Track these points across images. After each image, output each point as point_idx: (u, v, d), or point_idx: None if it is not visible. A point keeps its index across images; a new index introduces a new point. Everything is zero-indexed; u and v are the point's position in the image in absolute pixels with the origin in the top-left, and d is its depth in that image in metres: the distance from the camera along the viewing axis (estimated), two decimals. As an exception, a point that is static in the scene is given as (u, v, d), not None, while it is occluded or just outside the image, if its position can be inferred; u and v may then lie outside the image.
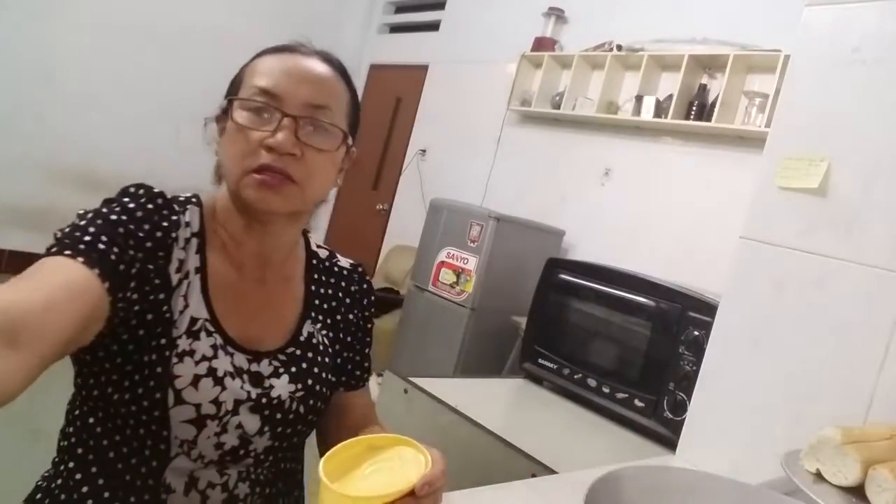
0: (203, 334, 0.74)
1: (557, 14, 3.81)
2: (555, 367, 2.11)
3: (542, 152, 3.79)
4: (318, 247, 0.94)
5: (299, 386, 0.81)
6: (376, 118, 5.04)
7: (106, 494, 0.72)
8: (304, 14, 5.03)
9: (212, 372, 0.73)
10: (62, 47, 4.15)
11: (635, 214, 3.24)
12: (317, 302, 0.88)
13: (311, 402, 0.82)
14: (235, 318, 0.79)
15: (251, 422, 0.76)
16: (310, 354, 0.84)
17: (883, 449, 0.81)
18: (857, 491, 0.77)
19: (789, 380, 1.09)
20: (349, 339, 0.92)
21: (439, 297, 3.23)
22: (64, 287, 0.57)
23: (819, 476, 0.81)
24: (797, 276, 1.10)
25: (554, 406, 2.01)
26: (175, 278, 0.74)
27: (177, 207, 0.77)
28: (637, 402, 1.85)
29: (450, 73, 4.59)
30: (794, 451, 0.85)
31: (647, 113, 3.15)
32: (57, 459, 0.77)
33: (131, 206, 0.70)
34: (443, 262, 3.26)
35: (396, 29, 5.33)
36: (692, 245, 2.95)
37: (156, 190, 0.75)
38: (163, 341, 0.71)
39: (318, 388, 0.83)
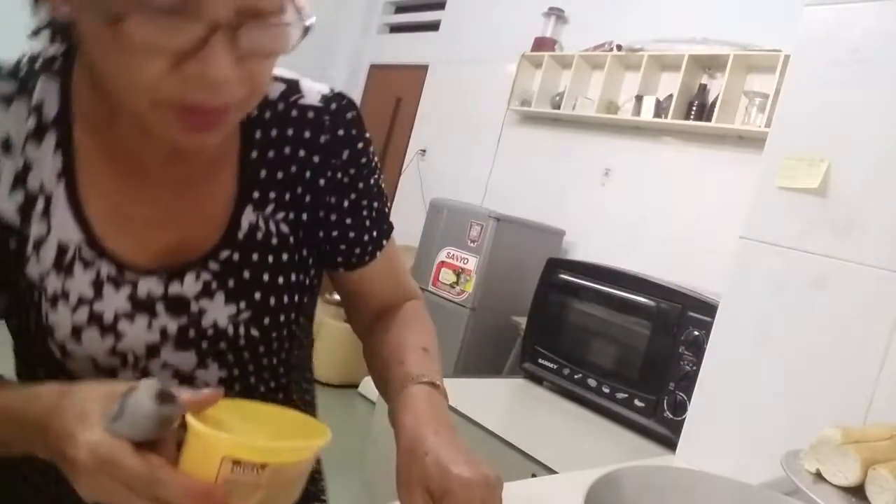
0: (78, 266, 0.55)
1: (557, 14, 3.81)
2: (555, 367, 2.11)
3: (542, 152, 3.79)
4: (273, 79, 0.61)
5: (243, 305, 0.59)
6: (376, 118, 5.03)
7: None
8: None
9: (95, 319, 0.56)
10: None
11: (635, 214, 3.24)
12: (263, 174, 0.61)
13: (268, 319, 0.61)
14: (133, 228, 0.57)
15: (183, 359, 0.59)
16: (255, 256, 0.60)
17: (883, 449, 0.81)
18: (857, 491, 0.77)
19: (789, 380, 1.09)
20: (322, 212, 0.65)
21: (439, 297, 3.23)
22: None
23: (819, 476, 0.81)
24: (797, 276, 1.10)
25: (554, 406, 2.01)
26: (13, 202, 0.54)
27: (7, 87, 0.54)
28: (637, 402, 1.85)
29: (450, 73, 4.59)
30: (794, 451, 0.85)
31: (647, 113, 3.15)
32: None
33: None
34: (443, 262, 3.26)
35: (396, 29, 5.32)
36: (692, 245, 2.95)
37: None
38: (23, 284, 0.55)
39: (272, 301, 0.61)
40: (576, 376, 2.03)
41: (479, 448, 1.55)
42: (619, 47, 3.41)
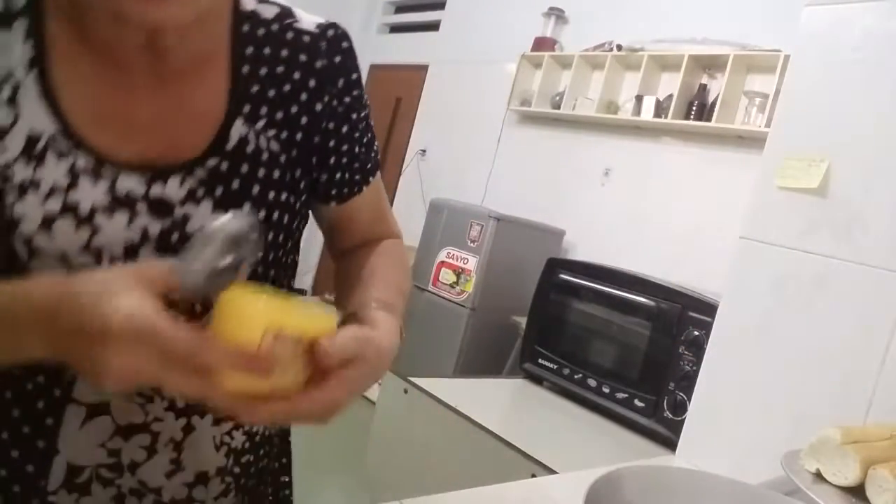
0: (51, 156, 0.52)
1: (557, 14, 3.81)
2: (555, 367, 2.11)
3: (542, 152, 3.79)
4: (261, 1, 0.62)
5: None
6: (376, 118, 4.98)
7: (16, 371, 0.57)
8: (304, 14, 5.03)
9: (70, 209, 0.52)
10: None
11: (635, 214, 3.24)
12: (255, 89, 0.59)
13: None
14: (112, 123, 0.54)
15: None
16: (244, 168, 0.58)
17: (883, 449, 0.81)
18: (857, 491, 0.77)
19: (789, 380, 1.09)
20: (318, 138, 0.64)
21: (439, 297, 3.24)
22: None
23: (819, 476, 0.81)
24: (797, 276, 1.10)
25: (554, 406, 2.01)
26: None
27: None
28: (637, 402, 1.85)
29: (450, 73, 4.59)
30: (794, 451, 0.85)
31: (647, 113, 3.15)
32: None
33: None
34: (443, 262, 3.26)
35: (396, 29, 5.32)
36: (692, 245, 2.95)
37: None
38: None
39: (262, 215, 0.59)
40: (576, 376, 2.03)
41: (479, 448, 1.55)
42: (619, 47, 3.41)
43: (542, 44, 3.79)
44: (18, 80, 0.52)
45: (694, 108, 2.99)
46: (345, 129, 0.66)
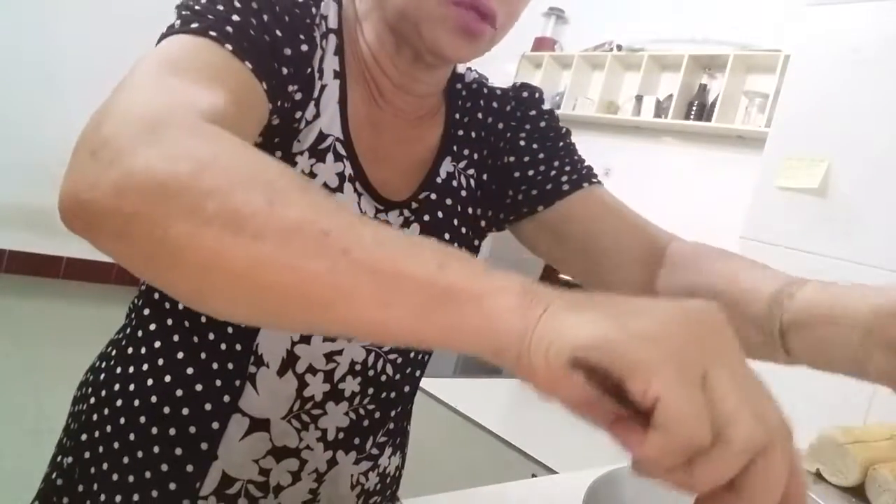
0: (330, 156, 0.58)
1: (557, 14, 3.81)
2: (555, 367, 2.12)
3: (542, 152, 3.79)
4: (468, 69, 0.75)
5: (432, 239, 0.66)
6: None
7: (189, 371, 0.59)
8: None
9: None
10: (62, 46, 4.15)
11: (635, 214, 3.24)
12: (460, 133, 0.69)
13: None
14: (368, 147, 0.61)
15: None
16: (448, 201, 0.66)
17: (883, 449, 0.81)
18: (857, 491, 0.77)
19: (789, 379, 1.09)
20: (511, 158, 0.71)
21: (439, 297, 3.23)
22: (237, 86, 0.45)
23: (819, 476, 0.81)
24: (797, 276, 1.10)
25: (554, 406, 2.01)
26: (315, 76, 0.58)
27: None
28: (637, 402, 1.86)
29: (450, 73, 4.60)
30: (794, 451, 0.85)
31: (647, 113, 3.15)
32: (121, 336, 0.64)
33: None
34: (443, 262, 3.26)
35: (396, 29, 5.32)
36: (692, 245, 2.95)
37: None
38: (277, 154, 0.56)
39: (455, 244, 0.66)
40: (576, 376, 2.04)
41: (479, 448, 1.55)
42: (619, 47, 3.41)
43: (542, 44, 3.80)
44: (326, 84, 0.58)
45: (694, 108, 2.99)
46: (535, 151, 0.71)
